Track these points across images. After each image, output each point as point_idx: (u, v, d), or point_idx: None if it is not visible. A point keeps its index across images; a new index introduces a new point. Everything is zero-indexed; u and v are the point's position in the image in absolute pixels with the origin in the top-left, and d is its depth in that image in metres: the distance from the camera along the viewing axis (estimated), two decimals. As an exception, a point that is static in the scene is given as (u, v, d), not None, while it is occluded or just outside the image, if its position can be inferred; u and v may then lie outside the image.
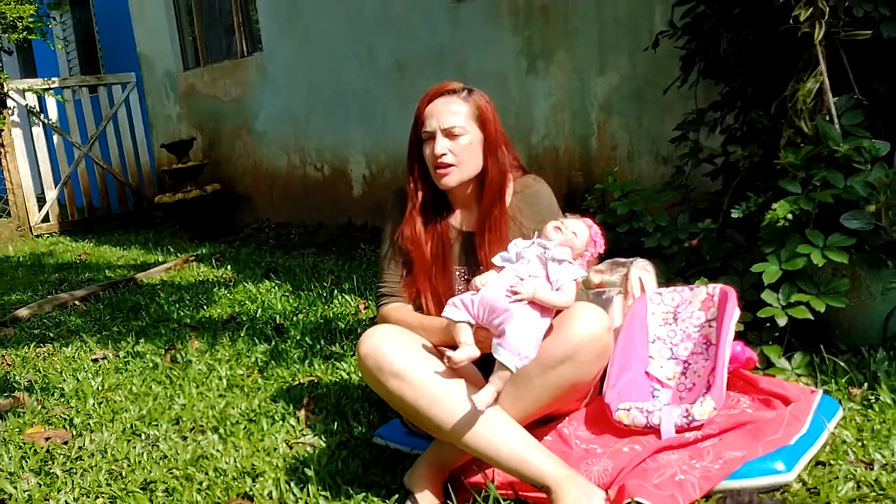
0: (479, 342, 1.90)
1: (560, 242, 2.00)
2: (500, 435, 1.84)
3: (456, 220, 2.23)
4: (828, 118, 2.56)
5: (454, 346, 2.15)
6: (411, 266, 2.18)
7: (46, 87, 8.26)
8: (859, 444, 2.02)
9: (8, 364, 3.63)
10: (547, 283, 1.92)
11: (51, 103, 8.32)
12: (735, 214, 2.65)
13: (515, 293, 1.88)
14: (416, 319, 2.13)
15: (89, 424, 2.78)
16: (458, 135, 2.07)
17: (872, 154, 2.45)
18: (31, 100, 8.18)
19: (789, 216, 2.45)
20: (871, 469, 1.89)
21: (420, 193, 2.19)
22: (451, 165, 2.09)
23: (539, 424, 2.13)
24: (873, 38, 2.54)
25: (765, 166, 2.77)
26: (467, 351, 1.85)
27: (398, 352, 1.91)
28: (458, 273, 2.20)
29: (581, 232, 2.05)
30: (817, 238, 2.45)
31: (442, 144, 2.06)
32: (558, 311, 1.95)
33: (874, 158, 2.45)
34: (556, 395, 1.96)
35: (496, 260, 2.00)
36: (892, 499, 1.76)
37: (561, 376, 1.92)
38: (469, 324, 1.90)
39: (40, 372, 3.45)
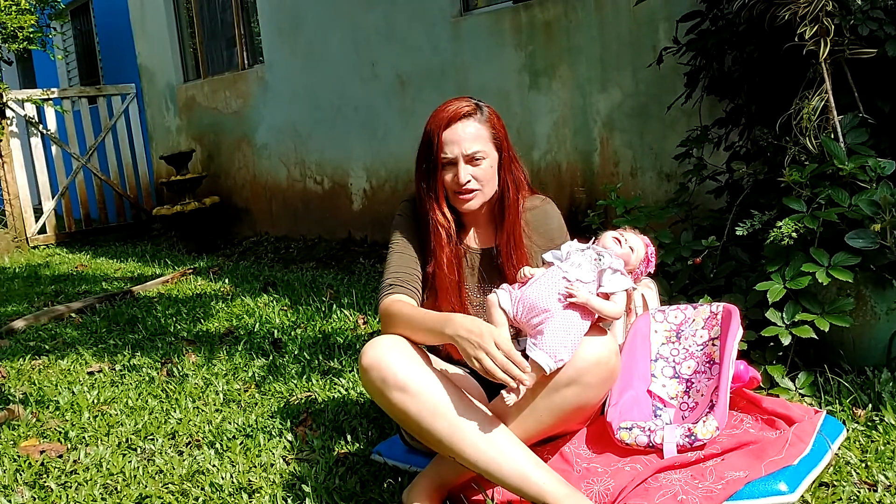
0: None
1: (616, 254, 2.00)
2: (502, 451, 1.82)
3: (471, 239, 2.22)
4: (833, 136, 2.55)
5: (449, 356, 2.13)
6: (433, 285, 2.13)
7: (46, 97, 8.26)
8: (863, 465, 2.01)
9: (3, 376, 3.60)
10: (595, 291, 1.91)
11: (50, 114, 8.33)
12: (739, 232, 2.64)
13: (571, 296, 1.86)
14: (417, 311, 2.03)
15: (84, 438, 2.75)
16: (479, 160, 2.06)
17: (878, 173, 2.44)
18: (30, 110, 8.18)
19: (794, 234, 2.44)
20: (875, 491, 1.88)
21: (451, 220, 2.13)
22: (475, 191, 2.08)
23: (541, 443, 2.11)
24: (878, 57, 2.55)
25: (769, 184, 2.77)
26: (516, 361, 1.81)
27: (402, 364, 1.88)
28: (476, 289, 2.19)
29: (638, 248, 2.07)
30: (822, 257, 2.44)
31: (466, 171, 2.05)
32: (599, 319, 1.93)
33: (879, 177, 2.45)
34: (561, 418, 1.94)
35: (547, 256, 1.99)
36: (898, 521, 1.75)
37: (566, 399, 1.90)
38: (506, 315, 1.89)
39: (35, 384, 3.42)
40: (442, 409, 1.85)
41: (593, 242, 2.03)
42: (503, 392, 1.82)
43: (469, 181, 2.06)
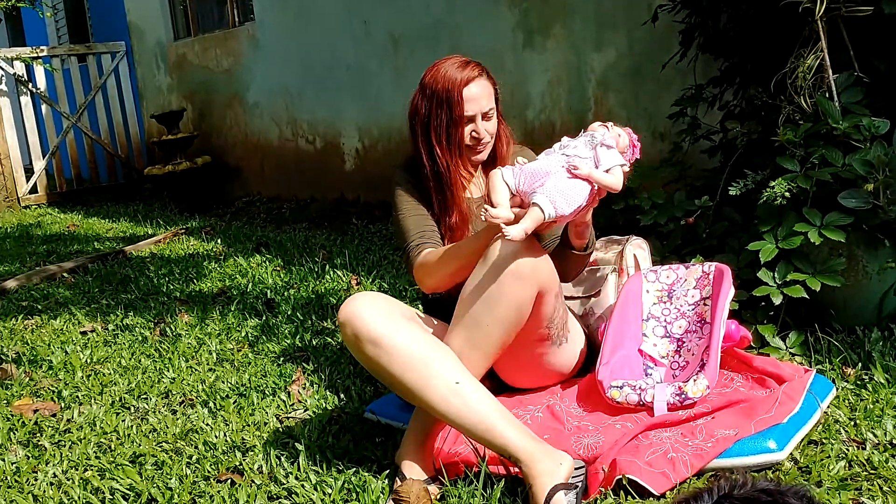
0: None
1: (607, 135, 2.04)
2: (468, 403, 1.84)
3: (471, 188, 2.36)
4: (827, 95, 2.53)
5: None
6: (453, 238, 2.24)
7: (35, 55, 8.14)
8: (852, 423, 2.02)
9: (-5, 335, 3.60)
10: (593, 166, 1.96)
11: (39, 72, 8.21)
12: (732, 192, 2.63)
13: (575, 168, 1.91)
14: (453, 247, 2.14)
15: (78, 397, 2.76)
16: (491, 116, 2.24)
17: (872, 132, 2.43)
18: (20, 68, 8.08)
19: (787, 194, 2.43)
20: (864, 448, 1.89)
21: (466, 173, 2.29)
22: (487, 144, 2.26)
23: (527, 398, 2.13)
24: (874, 15, 2.51)
25: (763, 143, 2.75)
26: (504, 211, 1.89)
27: (376, 319, 1.90)
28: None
29: (624, 135, 2.10)
30: (814, 216, 2.44)
31: (483, 127, 2.22)
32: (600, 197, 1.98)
33: (873, 136, 2.43)
34: (508, 329, 1.95)
35: (541, 156, 2.03)
36: (884, 478, 1.76)
37: (501, 304, 1.91)
38: (509, 190, 1.94)
39: (28, 344, 3.42)
40: (413, 361, 1.87)
41: (584, 132, 2.07)
42: (505, 228, 1.85)
43: (485, 135, 2.23)
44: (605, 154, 1.96)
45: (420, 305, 2.49)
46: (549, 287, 1.99)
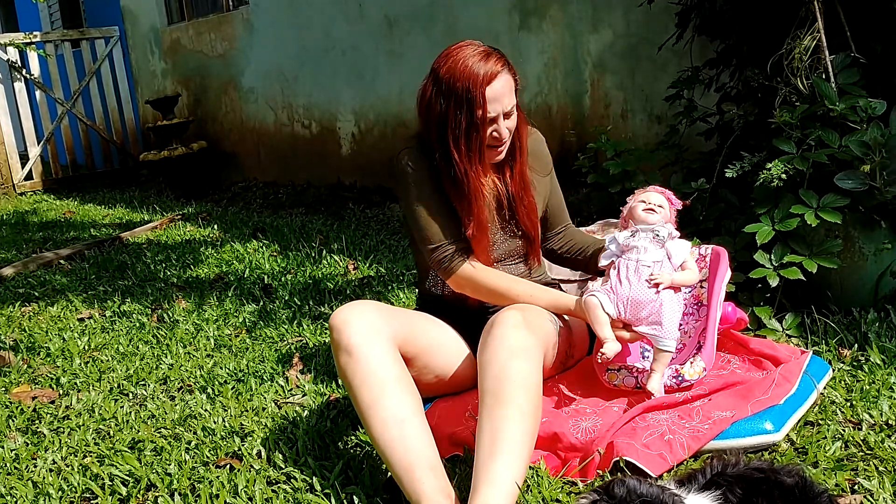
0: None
1: (662, 223, 2.11)
2: (404, 438, 1.77)
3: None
4: (824, 76, 2.53)
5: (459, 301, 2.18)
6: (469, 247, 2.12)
7: (28, 41, 8.09)
8: (848, 404, 2.03)
9: (-7, 323, 3.60)
10: (670, 265, 2.04)
11: (33, 58, 8.17)
12: (729, 174, 2.63)
13: (657, 284, 1.99)
14: (514, 284, 2.09)
15: (76, 384, 2.76)
16: (512, 112, 2.03)
17: (868, 113, 2.42)
18: (13, 54, 8.03)
19: (783, 176, 2.43)
20: (860, 429, 1.90)
21: (498, 183, 2.13)
22: (506, 143, 2.06)
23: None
24: (871, -5, 2.51)
25: (760, 125, 2.75)
26: (614, 346, 1.96)
27: (357, 331, 1.87)
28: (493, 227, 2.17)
29: (665, 202, 2.17)
30: (811, 198, 2.44)
31: (504, 126, 2.01)
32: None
33: (870, 118, 2.43)
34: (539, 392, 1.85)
35: (602, 261, 2.10)
36: (880, 458, 1.77)
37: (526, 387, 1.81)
38: (609, 317, 2.01)
39: (26, 331, 3.42)
40: (372, 379, 1.83)
41: (623, 219, 2.16)
42: (648, 386, 2.00)
43: (506, 135, 2.03)
44: (675, 248, 2.04)
45: (416, 292, 2.48)
46: (547, 344, 2.00)
